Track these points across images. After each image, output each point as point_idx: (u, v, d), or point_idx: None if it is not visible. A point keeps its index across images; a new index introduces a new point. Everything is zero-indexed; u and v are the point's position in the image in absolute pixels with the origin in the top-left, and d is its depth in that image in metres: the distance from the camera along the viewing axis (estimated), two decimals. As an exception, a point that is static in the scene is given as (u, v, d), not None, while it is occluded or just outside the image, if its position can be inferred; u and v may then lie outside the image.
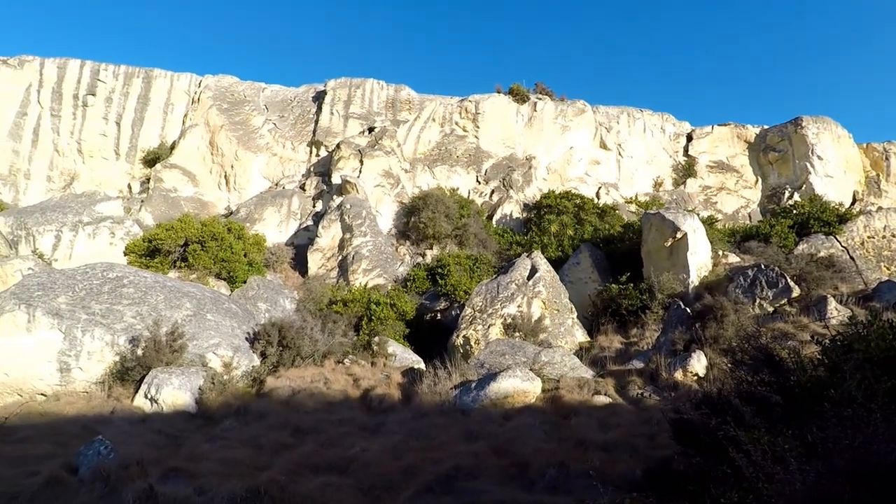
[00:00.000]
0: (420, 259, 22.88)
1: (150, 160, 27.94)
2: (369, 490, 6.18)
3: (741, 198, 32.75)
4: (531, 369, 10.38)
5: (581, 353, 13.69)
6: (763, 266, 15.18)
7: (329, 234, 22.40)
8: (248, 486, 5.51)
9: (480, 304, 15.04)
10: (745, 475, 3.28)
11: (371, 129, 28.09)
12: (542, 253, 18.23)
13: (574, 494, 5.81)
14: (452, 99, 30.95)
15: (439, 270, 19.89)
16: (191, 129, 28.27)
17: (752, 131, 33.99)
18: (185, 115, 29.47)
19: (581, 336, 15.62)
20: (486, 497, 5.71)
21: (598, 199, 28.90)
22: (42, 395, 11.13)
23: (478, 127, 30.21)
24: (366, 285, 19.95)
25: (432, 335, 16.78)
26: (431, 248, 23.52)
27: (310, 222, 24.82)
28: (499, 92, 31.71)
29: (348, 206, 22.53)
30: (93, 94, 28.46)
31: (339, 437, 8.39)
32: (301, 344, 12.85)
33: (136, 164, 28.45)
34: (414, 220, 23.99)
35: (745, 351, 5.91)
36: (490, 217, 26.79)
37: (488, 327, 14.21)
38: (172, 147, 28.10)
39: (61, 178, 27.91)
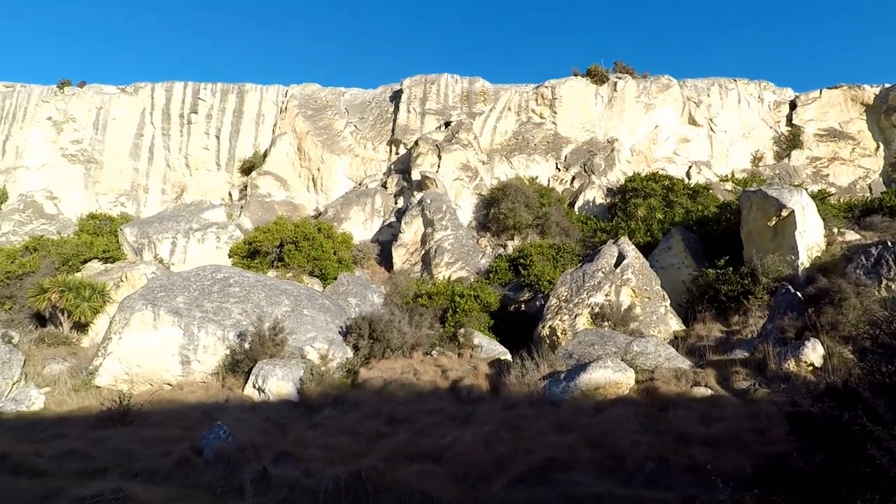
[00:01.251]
0: (501, 250, 22.78)
1: (246, 169, 30.25)
2: (463, 479, 6.28)
3: (858, 168, 29.25)
4: (623, 360, 9.99)
5: (676, 342, 12.97)
6: (890, 243, 13.51)
7: (411, 230, 22.95)
8: (350, 471, 5.82)
9: (566, 293, 14.70)
10: (886, 475, 2.93)
11: (447, 124, 28.32)
12: (630, 239, 17.42)
13: (676, 490, 5.53)
14: (527, 86, 30.38)
15: (521, 261, 19.70)
16: (280, 137, 30.16)
17: (870, 92, 30.18)
18: (275, 125, 31.50)
19: (675, 324, 14.81)
20: (582, 490, 5.59)
21: (689, 178, 27.14)
22: (168, 384, 12.50)
23: (555, 113, 29.43)
24: (449, 278, 20.23)
25: (517, 326, 16.68)
26: (512, 239, 23.34)
27: (393, 219, 25.58)
28: (576, 75, 30.65)
29: (429, 201, 22.92)
30: (195, 112, 31.25)
31: (430, 427, 8.62)
32: (390, 336, 13.33)
33: (235, 173, 30.93)
34: (493, 212, 23.92)
35: (874, 338, 5.28)
36: (572, 204, 26.06)
37: (575, 317, 13.86)
38: (265, 155, 30.20)
39: (173, 190, 30.99)
